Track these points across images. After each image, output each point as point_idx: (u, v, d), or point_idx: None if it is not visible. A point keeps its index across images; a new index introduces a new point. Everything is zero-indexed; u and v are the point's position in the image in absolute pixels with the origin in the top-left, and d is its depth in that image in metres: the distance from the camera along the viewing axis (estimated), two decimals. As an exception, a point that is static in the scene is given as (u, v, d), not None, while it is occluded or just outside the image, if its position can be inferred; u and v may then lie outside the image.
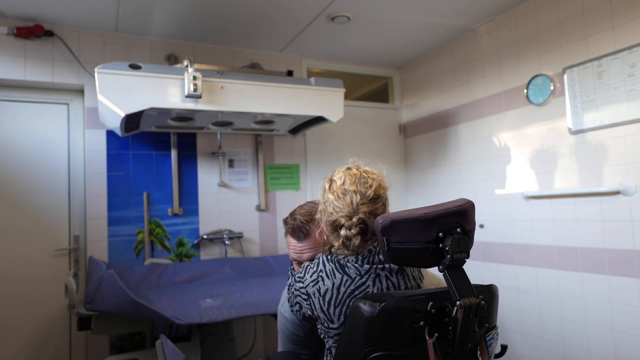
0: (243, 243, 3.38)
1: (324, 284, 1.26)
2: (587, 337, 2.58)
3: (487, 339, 1.20)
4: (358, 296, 1.20)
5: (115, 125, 2.60)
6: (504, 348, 1.28)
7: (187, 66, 2.51)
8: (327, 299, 1.24)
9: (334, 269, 1.25)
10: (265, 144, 3.57)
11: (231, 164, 3.43)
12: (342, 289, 1.23)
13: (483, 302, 1.12)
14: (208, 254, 3.27)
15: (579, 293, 2.62)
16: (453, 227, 1.12)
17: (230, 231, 3.32)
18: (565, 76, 2.67)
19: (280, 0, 2.74)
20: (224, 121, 3.01)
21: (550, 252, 2.77)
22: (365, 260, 1.24)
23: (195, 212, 3.25)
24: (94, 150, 3.00)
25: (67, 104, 3.08)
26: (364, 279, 1.23)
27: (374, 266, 1.23)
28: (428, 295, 1.14)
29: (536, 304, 2.87)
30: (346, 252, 1.27)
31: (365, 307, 1.11)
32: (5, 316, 2.80)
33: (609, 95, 2.45)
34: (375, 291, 1.21)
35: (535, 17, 2.87)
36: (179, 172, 3.23)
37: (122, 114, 2.40)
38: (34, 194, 2.93)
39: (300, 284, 1.32)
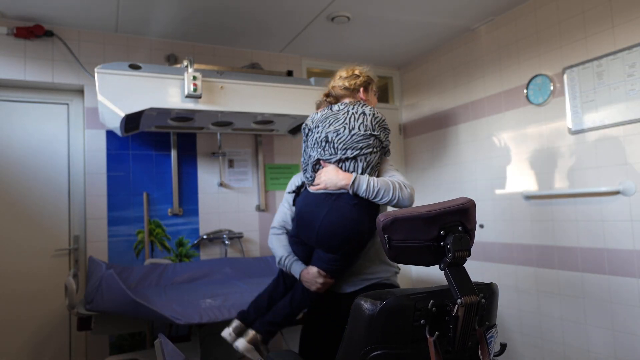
0: (243, 243, 3.38)
1: (314, 115, 1.89)
2: (587, 337, 2.57)
3: (487, 337, 1.20)
4: (325, 124, 1.79)
5: (115, 125, 2.60)
6: (503, 346, 1.29)
7: (187, 66, 2.51)
8: (314, 122, 1.86)
9: (326, 108, 1.88)
10: (265, 144, 3.57)
11: (231, 164, 3.43)
12: (319, 115, 1.85)
13: (483, 300, 1.12)
14: (208, 254, 3.26)
15: (579, 293, 2.62)
16: (454, 225, 1.13)
17: (230, 231, 3.32)
18: (565, 76, 2.67)
19: (280, 0, 2.74)
20: (224, 121, 3.01)
21: (550, 252, 2.77)
22: (342, 106, 1.83)
23: (195, 212, 3.25)
24: (93, 150, 3.00)
25: (67, 104, 3.08)
26: (334, 113, 1.81)
27: (343, 109, 1.81)
28: (429, 293, 1.14)
29: (536, 304, 2.87)
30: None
31: (366, 305, 1.11)
32: (5, 316, 2.79)
33: (609, 95, 2.46)
34: (333, 122, 1.77)
35: (535, 17, 2.87)
36: (179, 172, 3.23)
37: (122, 114, 2.40)
38: (34, 194, 2.93)
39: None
